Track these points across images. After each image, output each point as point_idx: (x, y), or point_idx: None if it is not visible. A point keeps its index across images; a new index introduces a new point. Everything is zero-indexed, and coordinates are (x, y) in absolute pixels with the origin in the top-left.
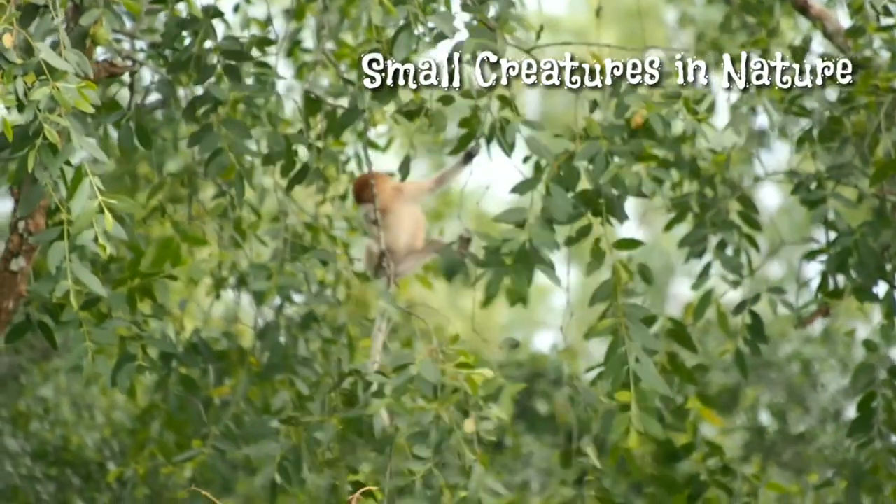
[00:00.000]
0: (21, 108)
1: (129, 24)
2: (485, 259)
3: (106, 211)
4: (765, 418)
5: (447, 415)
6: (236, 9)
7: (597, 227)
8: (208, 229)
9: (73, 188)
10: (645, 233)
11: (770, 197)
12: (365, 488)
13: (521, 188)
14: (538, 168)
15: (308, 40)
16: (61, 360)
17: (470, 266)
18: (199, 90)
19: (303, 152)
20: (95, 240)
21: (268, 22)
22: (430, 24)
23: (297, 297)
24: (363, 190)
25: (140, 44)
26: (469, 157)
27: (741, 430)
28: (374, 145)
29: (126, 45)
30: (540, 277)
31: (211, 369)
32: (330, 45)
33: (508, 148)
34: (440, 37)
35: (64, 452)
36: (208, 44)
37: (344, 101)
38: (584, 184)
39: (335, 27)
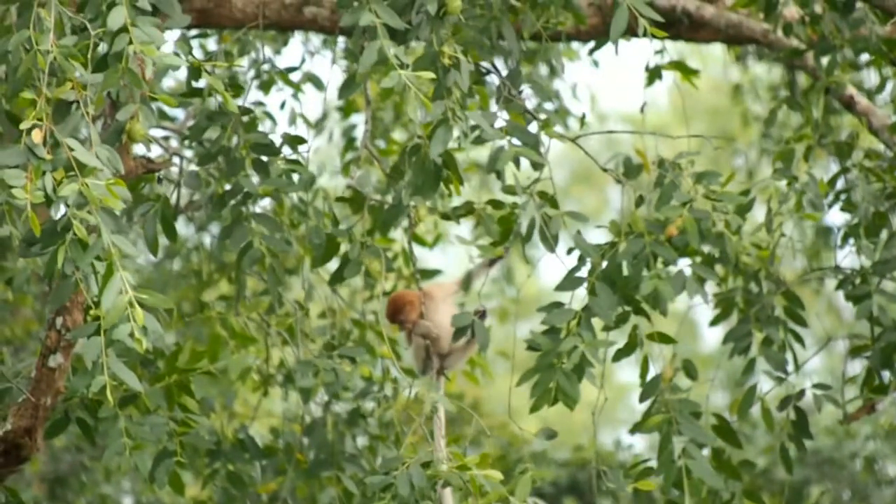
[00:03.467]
0: (49, 203)
1: (176, 121)
2: (536, 364)
3: (136, 306)
4: None
5: None
6: (282, 105)
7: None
8: (254, 326)
9: (103, 284)
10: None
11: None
12: None
13: (565, 286)
14: (581, 261)
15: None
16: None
17: (483, 333)
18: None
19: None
20: (131, 335)
21: (317, 122)
22: (471, 122)
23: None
24: (395, 313)
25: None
26: (496, 260)
27: None
28: (421, 241)
29: (174, 143)
30: None
31: (258, 465)
32: (382, 143)
33: (553, 243)
34: (480, 139)
35: None
36: (236, 139)
37: (388, 198)
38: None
39: (389, 124)
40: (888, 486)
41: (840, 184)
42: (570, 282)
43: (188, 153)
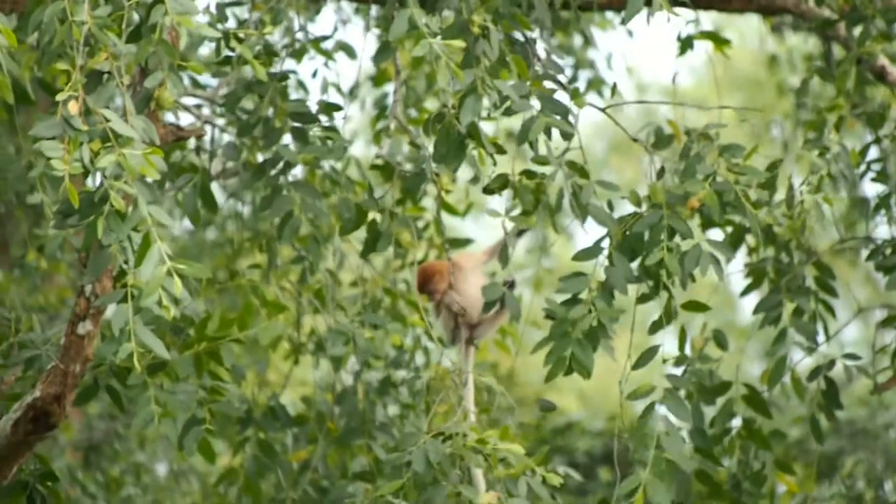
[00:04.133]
0: (87, 174)
1: (208, 89)
2: (551, 332)
3: (175, 276)
4: (861, 485)
5: (467, 490)
6: (314, 74)
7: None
8: (286, 294)
9: (140, 254)
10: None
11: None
12: None
13: (583, 255)
14: (606, 234)
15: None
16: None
17: (514, 304)
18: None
19: (378, 218)
20: (159, 303)
21: (350, 90)
22: (503, 91)
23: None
24: (424, 284)
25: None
26: (523, 231)
27: (837, 498)
28: (452, 210)
29: (206, 111)
30: None
31: (289, 434)
32: (414, 112)
33: (582, 213)
34: (509, 111)
35: None
36: (272, 108)
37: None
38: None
39: (422, 93)
40: None
41: (872, 154)
42: (588, 252)
43: (220, 121)
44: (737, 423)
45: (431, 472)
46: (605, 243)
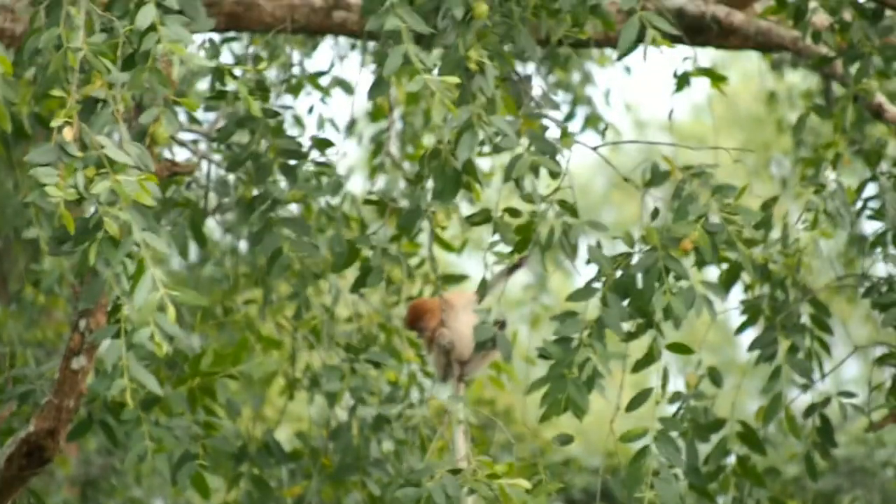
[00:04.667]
0: (80, 201)
1: (205, 124)
2: (547, 374)
3: (169, 304)
4: None
5: None
6: (311, 110)
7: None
8: (282, 330)
9: (135, 281)
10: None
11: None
12: None
13: (578, 296)
14: (599, 272)
15: (393, 141)
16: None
17: (505, 344)
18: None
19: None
20: (152, 338)
21: (347, 126)
22: (495, 128)
23: (370, 399)
24: (415, 321)
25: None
26: (515, 268)
27: None
28: (447, 246)
29: (202, 146)
30: None
31: (284, 469)
32: (411, 148)
33: (572, 252)
34: (501, 147)
35: None
36: (265, 143)
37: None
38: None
39: (419, 129)
40: None
41: (870, 191)
42: (582, 293)
43: (216, 157)
44: (731, 460)
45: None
46: (599, 283)
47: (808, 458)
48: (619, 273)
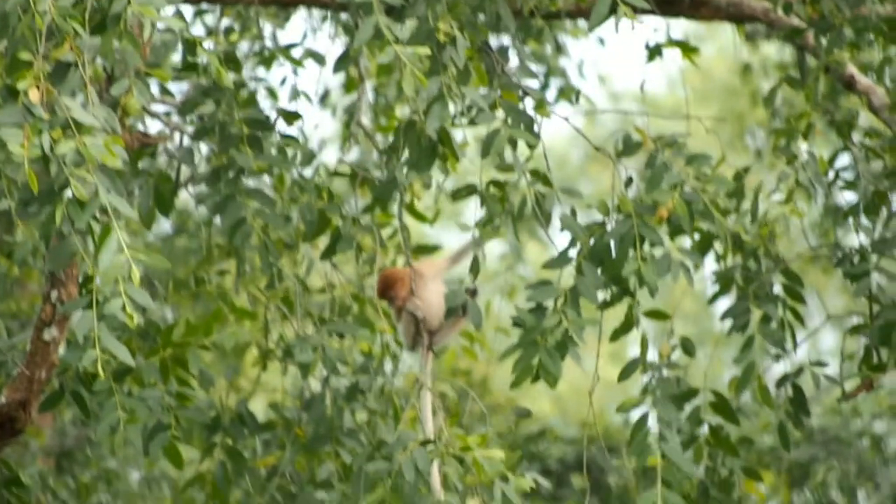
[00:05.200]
0: (46, 162)
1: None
2: (520, 340)
3: (134, 266)
4: (834, 493)
5: (452, 497)
6: (283, 81)
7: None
8: (255, 301)
9: (100, 242)
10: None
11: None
12: None
13: (552, 264)
14: (573, 240)
15: (365, 113)
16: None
17: (475, 311)
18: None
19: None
20: (123, 309)
21: (321, 98)
22: (468, 100)
23: (342, 369)
24: (385, 290)
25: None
26: (474, 267)
27: None
28: (420, 217)
29: (175, 118)
30: None
31: (258, 440)
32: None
33: (545, 220)
34: (476, 119)
35: None
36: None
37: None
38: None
39: (393, 100)
40: (894, 464)
41: (841, 162)
42: (557, 261)
43: (190, 128)
44: (705, 430)
45: (419, 481)
46: (574, 252)
47: (782, 428)
48: (593, 241)
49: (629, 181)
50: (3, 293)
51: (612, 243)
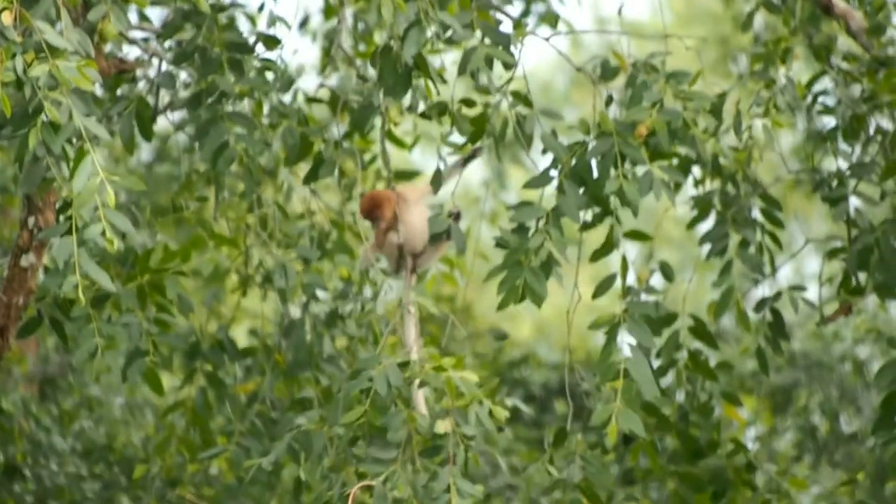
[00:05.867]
0: (20, 85)
1: (156, 22)
2: (505, 260)
3: (108, 187)
4: (816, 418)
5: (420, 416)
6: (261, 7)
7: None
8: (233, 227)
9: (75, 166)
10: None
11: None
12: (364, 483)
13: (534, 183)
14: (554, 161)
15: (346, 39)
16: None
17: (459, 235)
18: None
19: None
20: (103, 234)
21: (301, 23)
22: (445, 22)
23: (322, 295)
24: (371, 210)
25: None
26: (470, 159)
27: (793, 430)
28: (399, 143)
29: (154, 44)
30: None
31: (237, 366)
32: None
33: (527, 142)
34: (451, 41)
35: (110, 451)
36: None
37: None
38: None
39: (372, 27)
40: (875, 388)
41: (821, 87)
42: (538, 180)
43: (169, 55)
44: (684, 355)
45: (391, 397)
46: (555, 172)
47: (760, 352)
48: (574, 161)
49: (609, 100)
50: None
51: (594, 162)
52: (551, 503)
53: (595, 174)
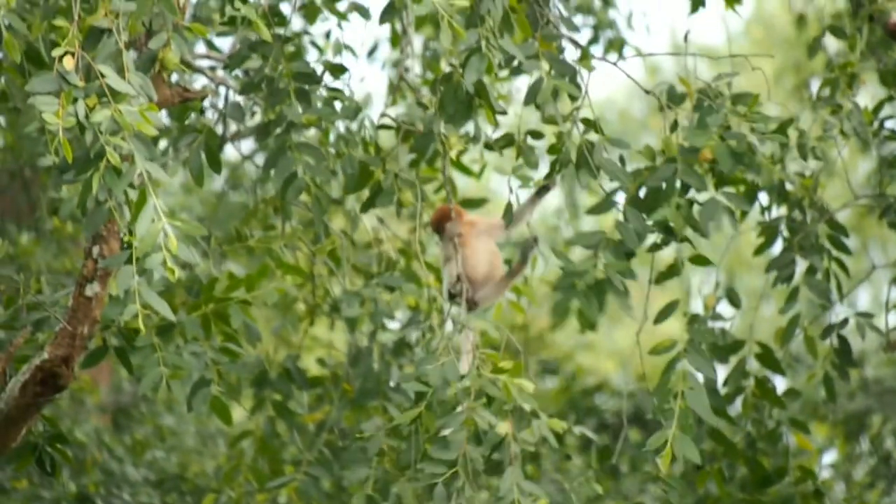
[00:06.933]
0: (82, 130)
1: (224, 51)
2: (558, 283)
3: (170, 233)
4: (890, 444)
5: (479, 419)
6: (328, 35)
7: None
8: (301, 256)
9: (136, 210)
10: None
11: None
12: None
13: (595, 210)
14: (618, 190)
15: (416, 66)
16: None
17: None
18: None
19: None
20: (164, 264)
21: (369, 52)
22: (507, 50)
23: (391, 324)
24: (439, 222)
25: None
26: (544, 191)
27: (867, 457)
28: (466, 171)
29: (220, 72)
30: None
31: (305, 395)
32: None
33: (595, 170)
34: (517, 70)
35: (182, 481)
36: (279, 68)
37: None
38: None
39: (440, 53)
40: None
41: (888, 112)
42: (600, 206)
43: (234, 83)
44: (751, 382)
45: (448, 393)
46: (620, 198)
47: (827, 379)
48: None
49: (675, 126)
50: (59, 251)
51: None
52: None
53: (658, 200)
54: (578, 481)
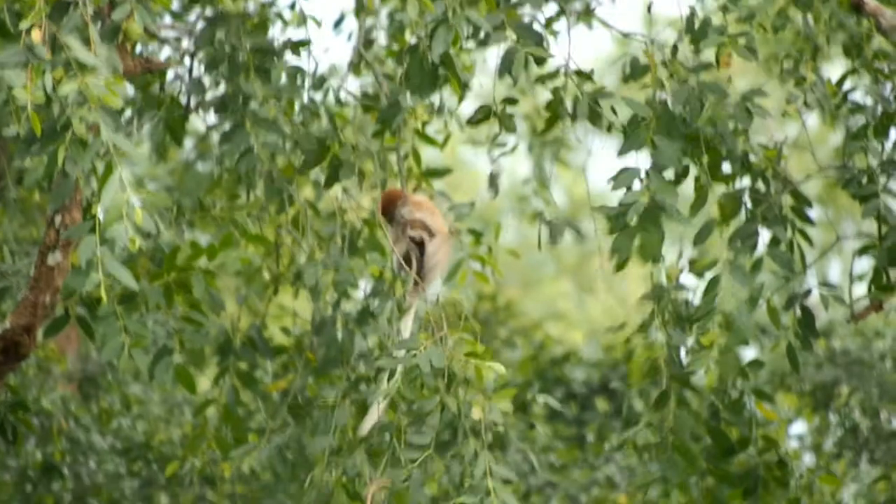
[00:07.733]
0: (49, 103)
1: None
2: (610, 226)
3: (136, 205)
4: (857, 415)
5: (452, 402)
6: (293, 6)
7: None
8: (264, 225)
9: (102, 182)
10: None
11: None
12: (381, 480)
13: (626, 148)
14: (634, 121)
15: (382, 37)
16: None
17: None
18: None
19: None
20: (127, 234)
21: (335, 23)
22: (473, 21)
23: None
24: (386, 207)
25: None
26: (492, 183)
27: (835, 428)
28: (431, 141)
29: (185, 43)
30: None
31: (269, 364)
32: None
33: (596, 118)
34: (484, 42)
35: (148, 449)
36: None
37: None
38: None
39: (406, 25)
40: None
41: (850, 84)
42: (630, 143)
43: (200, 54)
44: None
45: (434, 378)
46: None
47: (790, 349)
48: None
49: (675, 49)
50: (25, 220)
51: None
52: (590, 501)
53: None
54: (544, 450)
